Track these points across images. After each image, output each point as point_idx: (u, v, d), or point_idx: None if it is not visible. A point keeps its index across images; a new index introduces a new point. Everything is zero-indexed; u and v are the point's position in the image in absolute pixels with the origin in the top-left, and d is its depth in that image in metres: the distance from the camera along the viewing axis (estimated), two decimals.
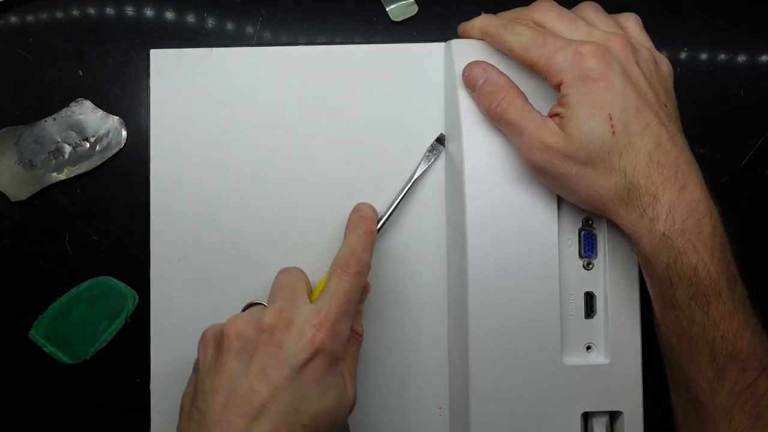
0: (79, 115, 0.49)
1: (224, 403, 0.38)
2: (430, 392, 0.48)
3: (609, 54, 0.39)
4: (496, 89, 0.42)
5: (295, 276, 0.43)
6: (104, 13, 0.50)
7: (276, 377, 0.37)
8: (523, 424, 0.42)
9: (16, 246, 0.49)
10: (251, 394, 0.37)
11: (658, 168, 0.38)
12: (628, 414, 0.43)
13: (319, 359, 0.38)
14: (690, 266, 0.37)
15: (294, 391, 0.38)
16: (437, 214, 0.48)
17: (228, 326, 0.40)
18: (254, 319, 0.40)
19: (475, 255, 0.43)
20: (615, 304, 0.43)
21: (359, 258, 0.42)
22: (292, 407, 0.37)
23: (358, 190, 0.48)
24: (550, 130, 0.40)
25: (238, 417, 0.37)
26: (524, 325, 0.42)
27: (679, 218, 0.37)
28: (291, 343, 0.38)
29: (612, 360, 0.43)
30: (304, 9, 0.51)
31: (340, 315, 0.40)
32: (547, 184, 0.42)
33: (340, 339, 0.40)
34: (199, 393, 0.39)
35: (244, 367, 0.38)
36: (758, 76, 0.52)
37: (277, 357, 0.38)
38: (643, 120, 0.38)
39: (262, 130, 0.48)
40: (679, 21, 0.52)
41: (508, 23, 0.43)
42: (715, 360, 0.38)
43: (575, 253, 0.44)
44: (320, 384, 0.38)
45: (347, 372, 0.41)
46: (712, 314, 0.37)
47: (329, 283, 0.41)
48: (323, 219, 0.48)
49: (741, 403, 0.37)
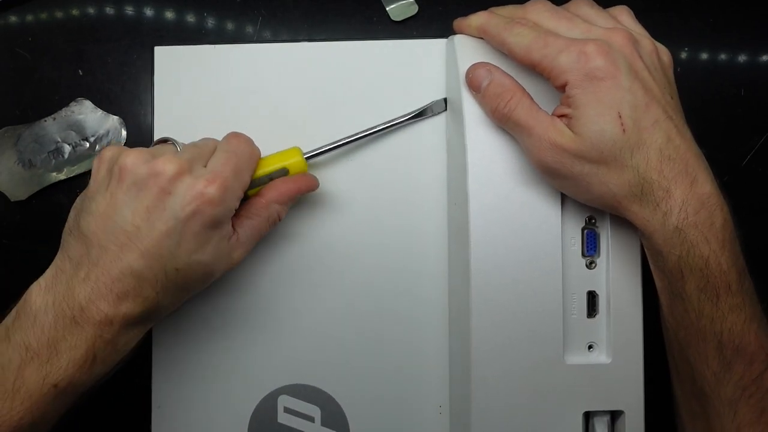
0: (79, 115, 0.49)
1: (104, 229, 0.38)
2: (430, 390, 0.48)
3: (613, 51, 0.39)
4: (502, 90, 0.42)
5: (239, 148, 0.43)
6: (104, 12, 0.50)
7: (158, 222, 0.38)
8: (524, 422, 0.42)
9: (16, 246, 0.49)
10: (131, 228, 0.38)
11: (669, 163, 0.38)
12: (629, 414, 0.43)
13: (203, 216, 0.39)
14: (702, 258, 0.37)
15: (173, 237, 0.38)
16: (439, 211, 0.48)
17: (125, 156, 0.40)
18: (153, 159, 0.40)
19: (478, 253, 0.42)
20: (617, 304, 0.43)
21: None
22: (168, 250, 0.38)
23: (357, 187, 0.48)
24: (559, 130, 0.39)
25: (115, 245, 0.38)
26: (526, 323, 0.42)
27: (692, 211, 0.37)
28: (179, 193, 0.39)
29: (614, 359, 0.43)
30: (304, 9, 0.51)
31: (233, 177, 0.40)
32: (556, 184, 0.42)
33: (231, 200, 0.40)
34: (84, 212, 0.40)
35: (131, 203, 0.39)
36: (758, 75, 0.52)
37: (164, 202, 0.38)
38: (652, 116, 0.38)
39: (265, 125, 0.48)
40: (680, 20, 0.52)
41: (507, 23, 0.42)
42: (722, 352, 0.38)
43: (578, 252, 0.44)
44: (199, 238, 0.39)
45: (240, 238, 0.42)
46: (721, 306, 0.37)
47: (224, 146, 0.42)
48: (323, 215, 0.48)
49: (746, 396, 0.38)
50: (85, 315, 0.38)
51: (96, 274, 0.38)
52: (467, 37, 0.46)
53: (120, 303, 0.38)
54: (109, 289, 0.38)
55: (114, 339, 0.38)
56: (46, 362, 0.37)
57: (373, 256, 0.48)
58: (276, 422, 0.48)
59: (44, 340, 0.37)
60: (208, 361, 0.48)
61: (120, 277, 0.38)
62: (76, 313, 0.38)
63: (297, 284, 0.48)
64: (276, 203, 0.44)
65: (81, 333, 0.38)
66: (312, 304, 0.48)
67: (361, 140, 0.48)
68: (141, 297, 0.38)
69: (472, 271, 0.42)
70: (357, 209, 0.48)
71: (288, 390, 0.48)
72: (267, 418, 0.48)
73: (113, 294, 0.38)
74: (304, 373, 0.48)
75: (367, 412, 0.48)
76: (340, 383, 0.48)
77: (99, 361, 0.38)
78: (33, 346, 0.37)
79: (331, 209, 0.48)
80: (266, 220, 0.43)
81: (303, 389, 0.48)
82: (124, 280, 0.38)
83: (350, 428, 0.48)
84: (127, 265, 0.38)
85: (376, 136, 0.48)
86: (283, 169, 0.44)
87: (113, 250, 0.38)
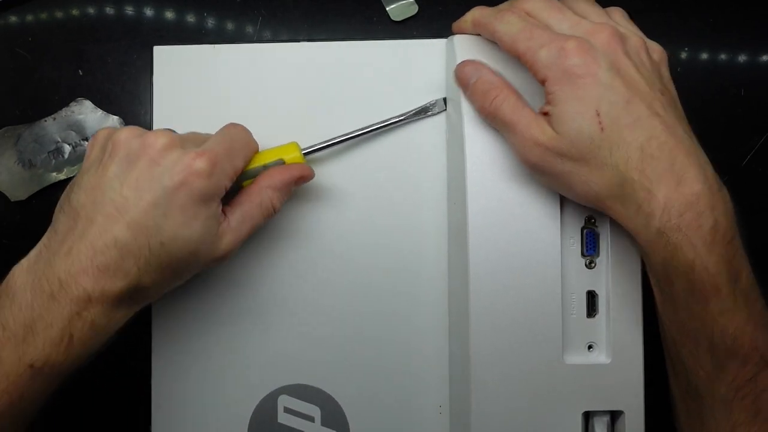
0: (79, 115, 0.49)
1: (93, 201, 0.38)
2: (430, 390, 0.48)
3: (593, 49, 0.38)
4: (489, 87, 0.42)
5: (234, 133, 0.43)
6: (104, 12, 0.50)
7: (146, 192, 0.38)
8: (523, 423, 0.42)
9: (16, 246, 0.48)
10: (119, 198, 0.38)
11: (651, 161, 0.37)
12: (629, 414, 0.42)
13: (191, 188, 0.38)
14: (686, 263, 0.36)
15: (160, 208, 0.38)
16: (439, 211, 0.48)
17: (118, 132, 0.40)
18: (145, 134, 0.40)
19: (477, 253, 0.42)
20: (617, 304, 0.43)
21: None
22: (154, 221, 0.38)
23: (357, 186, 0.48)
24: (542, 128, 0.39)
25: (102, 216, 0.38)
26: (525, 323, 0.42)
27: (676, 213, 0.36)
28: (168, 163, 0.39)
29: (613, 359, 0.43)
30: (304, 9, 0.51)
31: (224, 155, 0.40)
32: (543, 181, 0.42)
33: (220, 177, 0.40)
34: (75, 186, 0.40)
35: (121, 174, 0.39)
36: (759, 75, 0.52)
37: (153, 172, 0.38)
38: (634, 113, 0.38)
39: (264, 125, 0.47)
40: (680, 20, 0.52)
41: (498, 11, 0.42)
42: (714, 353, 0.37)
43: (577, 252, 0.44)
44: (186, 212, 0.39)
45: (231, 224, 0.42)
46: (711, 310, 0.37)
47: (219, 132, 0.43)
48: (323, 214, 0.48)
49: (740, 397, 0.37)
50: (64, 290, 0.37)
51: (79, 247, 0.38)
52: (467, 37, 0.46)
53: (100, 277, 0.37)
54: (91, 262, 0.37)
55: (93, 319, 0.38)
56: (22, 341, 0.37)
57: (372, 256, 0.48)
58: (276, 422, 0.48)
59: (21, 319, 0.37)
60: (207, 361, 0.48)
61: (103, 249, 0.37)
62: (54, 288, 0.37)
63: (297, 284, 0.48)
64: (268, 188, 0.43)
65: (58, 310, 0.37)
66: (312, 303, 0.48)
67: (361, 140, 0.48)
68: (122, 271, 0.38)
69: (471, 271, 0.42)
70: (357, 209, 0.48)
71: (288, 390, 0.48)
72: (267, 418, 0.48)
73: (94, 267, 0.37)
74: (304, 373, 0.48)
75: (367, 412, 0.48)
76: (340, 383, 0.48)
77: (77, 342, 0.37)
78: (10, 326, 0.37)
79: (331, 209, 0.48)
80: (258, 206, 0.43)
81: (303, 389, 0.48)
82: (106, 253, 0.37)
83: (350, 428, 0.48)
84: (112, 237, 0.37)
85: (376, 136, 0.48)
86: (280, 161, 0.44)
87: (100, 222, 0.38)
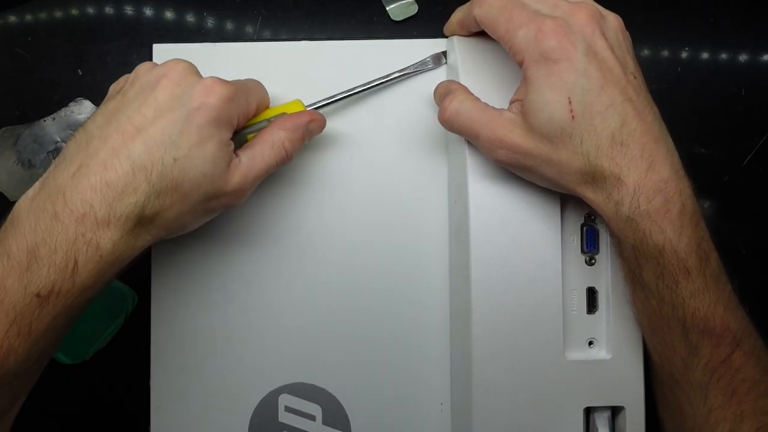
0: (79, 115, 0.49)
1: (108, 120, 0.38)
2: (431, 387, 0.48)
3: (571, 31, 0.37)
4: (446, 92, 0.42)
5: (248, 81, 0.44)
6: (103, 12, 0.50)
7: (167, 110, 0.38)
8: (524, 418, 0.42)
9: None
10: (136, 115, 0.38)
11: (621, 149, 0.37)
12: (629, 409, 0.43)
13: (210, 109, 0.38)
14: (656, 247, 0.37)
15: (177, 125, 0.38)
16: (440, 209, 0.48)
17: (138, 67, 0.41)
18: (165, 63, 0.41)
19: (478, 250, 0.42)
20: (617, 300, 0.43)
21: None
22: (170, 138, 0.38)
23: (359, 184, 0.48)
24: (508, 125, 0.39)
25: (118, 133, 0.38)
26: (526, 320, 0.42)
27: (645, 200, 0.36)
28: (188, 85, 0.39)
29: (614, 355, 0.43)
30: (304, 8, 0.51)
31: (241, 89, 0.41)
32: (517, 173, 0.41)
33: (236, 105, 0.40)
34: (92, 116, 0.40)
35: (142, 95, 0.39)
36: (759, 75, 0.52)
37: (173, 92, 0.39)
38: (607, 99, 0.37)
39: None
40: (680, 20, 0.53)
41: None
42: (687, 337, 0.37)
43: (577, 249, 0.44)
44: (202, 131, 0.38)
45: (242, 161, 0.41)
46: (681, 293, 0.37)
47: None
48: (323, 213, 0.48)
49: (716, 379, 0.37)
50: (68, 208, 0.36)
51: (89, 164, 0.37)
52: (467, 37, 0.46)
53: (108, 192, 0.36)
54: (100, 177, 0.36)
55: (98, 242, 0.36)
56: (26, 270, 0.35)
57: (373, 254, 0.48)
58: (277, 421, 0.48)
59: (24, 245, 0.36)
60: (207, 360, 0.48)
61: (115, 164, 0.37)
62: (58, 207, 0.36)
63: (298, 283, 0.48)
64: (280, 130, 0.43)
65: (61, 231, 0.36)
66: (313, 302, 0.48)
67: (362, 138, 0.48)
68: (132, 187, 0.37)
69: (472, 268, 0.42)
70: (359, 208, 0.48)
71: (289, 389, 0.48)
72: (268, 417, 0.48)
73: (103, 182, 0.36)
74: (304, 372, 0.48)
75: (368, 410, 0.48)
76: (341, 381, 0.48)
77: (81, 268, 0.36)
78: (14, 253, 0.36)
79: (331, 208, 0.48)
80: (270, 146, 0.42)
81: (304, 388, 0.48)
82: (118, 167, 0.37)
83: (352, 427, 0.48)
84: (126, 152, 0.37)
85: (375, 135, 0.48)
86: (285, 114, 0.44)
87: (115, 139, 0.37)
